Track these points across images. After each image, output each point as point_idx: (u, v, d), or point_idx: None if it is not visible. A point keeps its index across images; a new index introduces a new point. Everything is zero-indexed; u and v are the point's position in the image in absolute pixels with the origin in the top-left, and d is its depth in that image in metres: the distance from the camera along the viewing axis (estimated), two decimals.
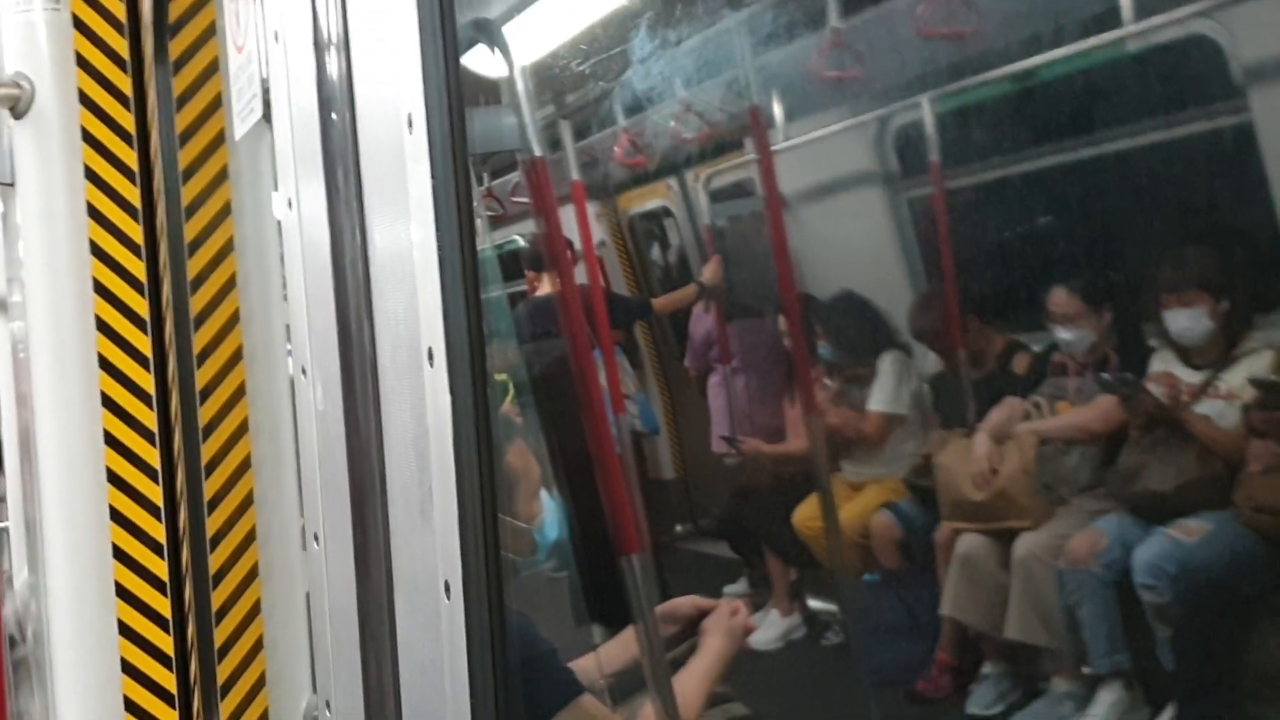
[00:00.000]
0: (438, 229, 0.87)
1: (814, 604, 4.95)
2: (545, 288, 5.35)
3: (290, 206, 1.15)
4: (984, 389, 4.39)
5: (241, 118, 1.37)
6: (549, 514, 2.22)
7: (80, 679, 1.80)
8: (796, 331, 4.65)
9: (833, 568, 4.66)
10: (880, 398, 4.68)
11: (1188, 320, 3.64)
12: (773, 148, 4.67)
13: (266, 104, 1.30)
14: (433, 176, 0.86)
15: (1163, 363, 3.75)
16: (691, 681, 2.12)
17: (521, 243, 7.14)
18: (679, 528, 6.49)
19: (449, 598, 0.90)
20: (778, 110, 4.76)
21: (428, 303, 0.89)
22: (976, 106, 4.47)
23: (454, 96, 0.85)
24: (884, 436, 4.71)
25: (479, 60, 1.85)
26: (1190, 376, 3.68)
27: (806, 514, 4.74)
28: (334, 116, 1.04)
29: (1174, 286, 3.67)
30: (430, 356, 0.89)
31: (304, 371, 1.16)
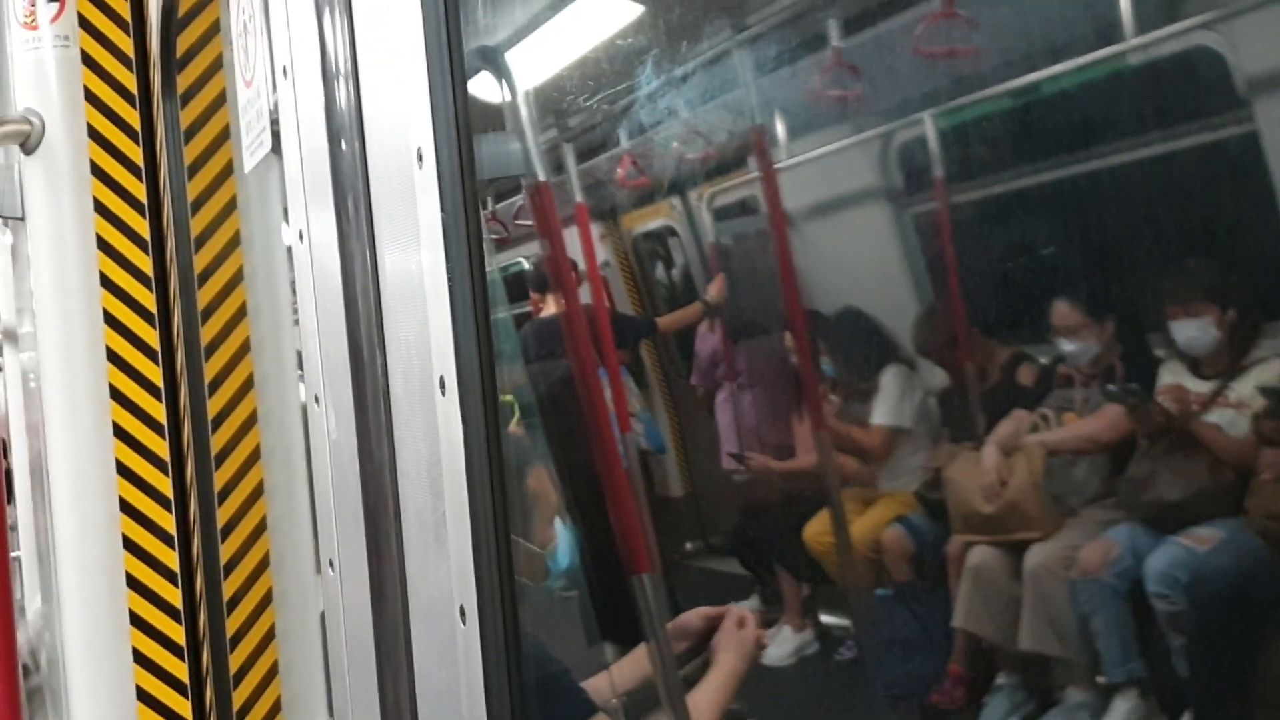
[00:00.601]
0: (448, 258, 0.89)
1: (827, 619, 4.94)
2: (550, 309, 5.35)
3: (301, 238, 1.17)
4: (991, 402, 4.38)
5: (250, 151, 1.38)
6: (562, 540, 2.23)
7: (95, 707, 1.81)
8: (803, 348, 4.66)
9: (845, 583, 4.65)
10: (883, 411, 4.69)
11: (1195, 331, 3.64)
12: (776, 166, 4.68)
13: (275, 136, 1.32)
14: (442, 208, 0.87)
15: (1171, 374, 3.75)
16: (705, 699, 2.12)
17: (526, 265, 7.14)
18: (689, 546, 6.47)
19: (464, 622, 0.91)
20: (780, 129, 4.77)
21: (439, 331, 0.90)
22: (978, 122, 4.48)
23: (462, 128, 0.86)
24: (889, 450, 4.71)
25: (484, 88, 1.86)
26: (1199, 386, 3.68)
27: (817, 530, 4.74)
28: (343, 148, 1.05)
29: (1180, 297, 3.67)
30: (442, 385, 0.90)
31: (316, 400, 1.17)
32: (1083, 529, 4.04)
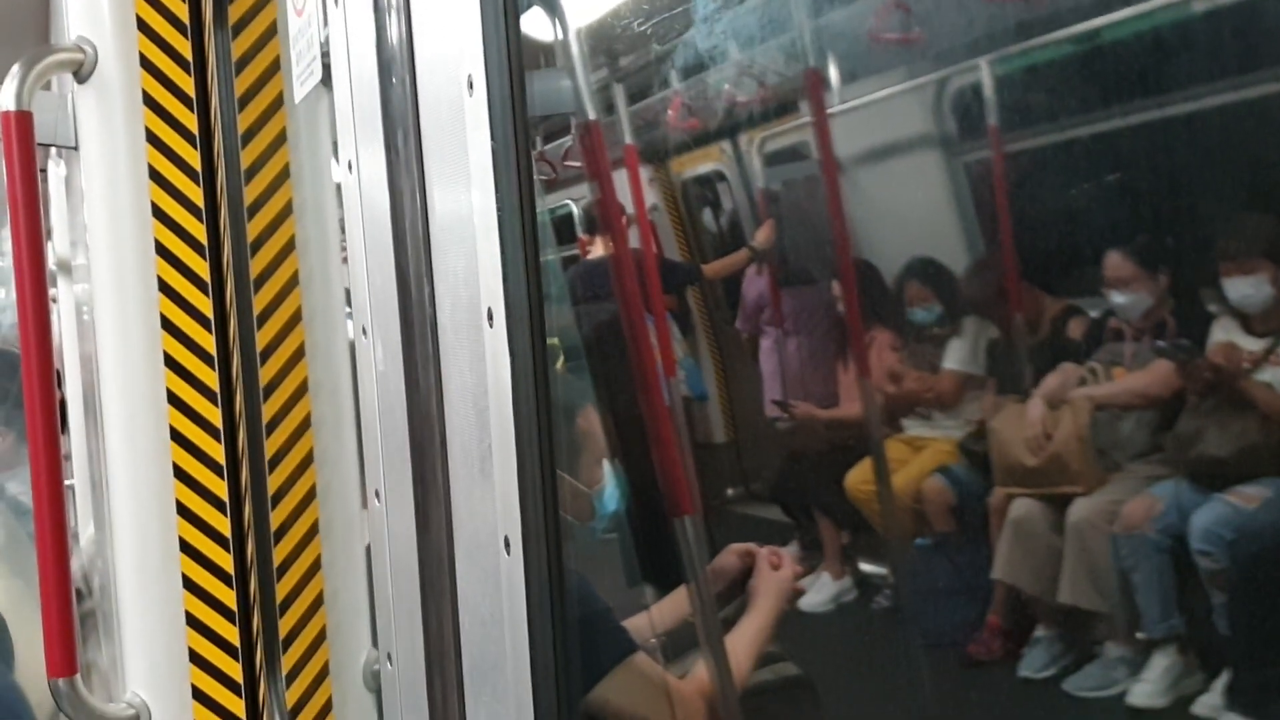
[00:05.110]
0: (497, 191, 0.88)
1: (866, 567, 4.95)
2: (598, 251, 5.34)
3: (350, 169, 1.17)
4: (1038, 355, 4.35)
5: (301, 81, 1.38)
6: (609, 484, 2.23)
7: (146, 632, 1.84)
8: (851, 296, 4.62)
9: (886, 532, 4.65)
10: (957, 356, 4.64)
11: (1249, 288, 3.58)
12: (829, 111, 4.62)
13: (326, 67, 1.32)
14: (493, 139, 0.86)
15: (1223, 330, 3.70)
16: (742, 641, 2.13)
17: (573, 207, 7.13)
18: (730, 491, 6.48)
19: (509, 553, 0.92)
20: (834, 73, 4.70)
21: (487, 264, 0.90)
22: (1037, 68, 4.40)
23: (514, 59, 0.85)
24: (959, 396, 4.68)
25: (536, 24, 1.85)
26: (1251, 344, 3.63)
27: (859, 478, 4.73)
28: (394, 80, 1.05)
29: (1235, 253, 3.61)
30: (490, 317, 0.90)
31: (364, 332, 1.18)
32: (1127, 484, 4.01)
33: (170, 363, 1.79)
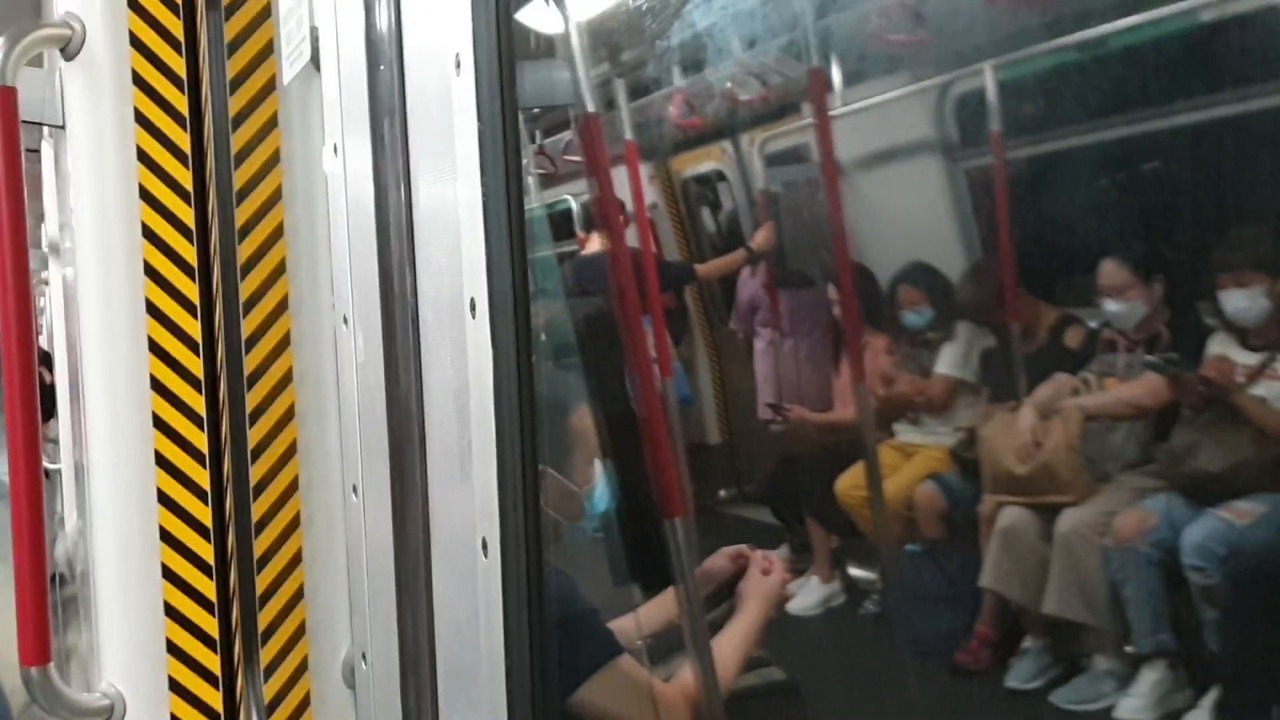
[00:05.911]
0: (483, 178, 0.85)
1: (855, 572, 4.93)
2: (593, 248, 5.32)
3: (336, 153, 1.14)
4: (1031, 364, 4.34)
5: (290, 61, 1.35)
6: (600, 485, 2.21)
7: (123, 622, 1.82)
8: (849, 299, 4.60)
9: (875, 537, 4.63)
10: (949, 361, 4.64)
11: (1244, 301, 3.58)
12: (831, 113, 4.59)
13: (316, 50, 1.29)
14: (479, 122, 0.84)
15: (1219, 344, 3.68)
16: (729, 644, 2.11)
17: (572, 202, 7.11)
18: (722, 493, 6.48)
19: (486, 555, 0.89)
20: (837, 74, 4.68)
21: (471, 253, 0.87)
22: (1039, 76, 4.38)
23: (504, 39, 0.82)
24: (950, 401, 4.67)
25: (531, 12, 1.82)
26: (1246, 358, 3.62)
27: (850, 483, 4.71)
28: (381, 65, 1.02)
29: (1229, 265, 3.60)
30: (472, 307, 0.87)
31: (345, 321, 1.15)
32: (1118, 496, 3.99)
33: (154, 348, 1.76)
